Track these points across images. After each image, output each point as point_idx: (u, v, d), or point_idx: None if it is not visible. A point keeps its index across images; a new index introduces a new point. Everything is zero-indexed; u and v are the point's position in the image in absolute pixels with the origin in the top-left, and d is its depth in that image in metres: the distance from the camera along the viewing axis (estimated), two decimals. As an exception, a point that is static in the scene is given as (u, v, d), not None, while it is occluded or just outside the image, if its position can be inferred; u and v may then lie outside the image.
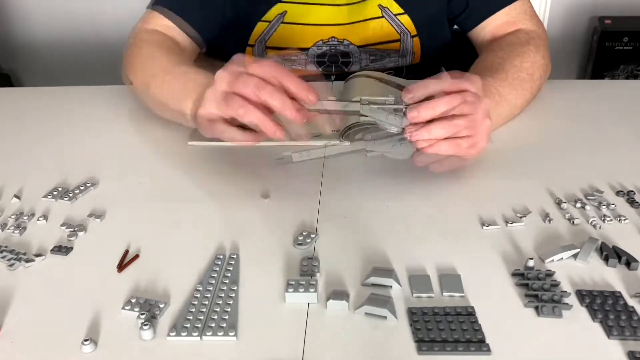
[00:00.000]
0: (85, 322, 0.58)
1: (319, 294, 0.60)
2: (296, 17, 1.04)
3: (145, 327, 0.56)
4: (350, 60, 1.08)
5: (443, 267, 0.63)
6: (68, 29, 2.17)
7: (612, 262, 0.63)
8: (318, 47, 1.06)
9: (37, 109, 1.01)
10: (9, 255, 0.66)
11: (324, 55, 1.07)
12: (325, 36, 1.05)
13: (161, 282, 0.63)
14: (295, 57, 1.07)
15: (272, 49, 1.06)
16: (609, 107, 0.97)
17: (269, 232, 0.70)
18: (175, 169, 0.83)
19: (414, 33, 1.07)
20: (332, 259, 0.65)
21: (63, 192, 0.77)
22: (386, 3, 1.04)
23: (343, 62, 1.08)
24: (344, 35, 1.06)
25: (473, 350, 0.53)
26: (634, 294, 0.59)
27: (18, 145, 0.91)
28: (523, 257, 0.65)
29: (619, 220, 0.70)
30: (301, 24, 1.04)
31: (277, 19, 1.04)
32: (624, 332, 0.55)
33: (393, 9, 1.05)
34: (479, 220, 0.71)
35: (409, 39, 1.07)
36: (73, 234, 0.70)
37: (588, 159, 0.82)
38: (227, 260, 0.65)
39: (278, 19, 1.04)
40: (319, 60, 1.08)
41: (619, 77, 2.00)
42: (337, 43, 1.06)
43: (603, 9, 2.01)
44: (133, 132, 0.93)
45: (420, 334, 0.55)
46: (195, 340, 0.56)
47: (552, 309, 0.57)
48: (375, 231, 0.69)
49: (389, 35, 1.06)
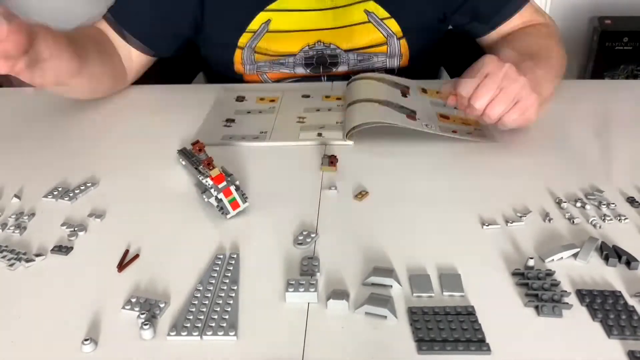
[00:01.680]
0: (86, 321, 0.58)
1: (319, 293, 0.60)
2: (281, 24, 1.04)
3: (146, 326, 0.56)
4: (338, 61, 1.08)
5: (443, 266, 0.63)
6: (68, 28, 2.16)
7: (612, 261, 0.63)
8: (305, 52, 1.06)
9: (37, 109, 1.02)
10: (9, 255, 0.66)
11: (311, 58, 1.07)
12: (312, 40, 1.06)
13: (161, 281, 0.63)
14: (284, 60, 1.07)
15: (260, 54, 1.07)
16: (609, 107, 0.97)
17: (269, 231, 0.70)
18: (175, 169, 0.83)
19: (400, 35, 1.07)
20: (332, 259, 0.65)
21: (63, 192, 0.77)
22: (372, 8, 1.04)
23: (331, 63, 1.08)
24: (331, 40, 1.06)
25: (473, 350, 0.53)
26: (634, 294, 0.59)
27: (18, 145, 0.91)
28: (523, 256, 0.65)
29: (619, 220, 0.70)
30: (287, 31, 1.05)
31: (262, 27, 1.04)
32: (624, 331, 0.55)
33: (379, 13, 1.05)
34: (479, 219, 0.71)
35: (395, 41, 1.07)
36: (73, 234, 0.70)
37: (588, 159, 0.82)
38: (227, 260, 0.65)
39: (263, 27, 1.04)
40: (307, 62, 1.08)
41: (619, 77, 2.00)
42: (324, 47, 1.06)
43: (603, 9, 2.01)
44: (133, 132, 0.94)
45: (420, 333, 0.55)
46: (196, 340, 0.56)
47: (552, 308, 0.57)
48: (375, 231, 0.69)
49: (375, 39, 1.07)
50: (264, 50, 1.06)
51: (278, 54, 1.06)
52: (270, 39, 1.05)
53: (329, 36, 1.06)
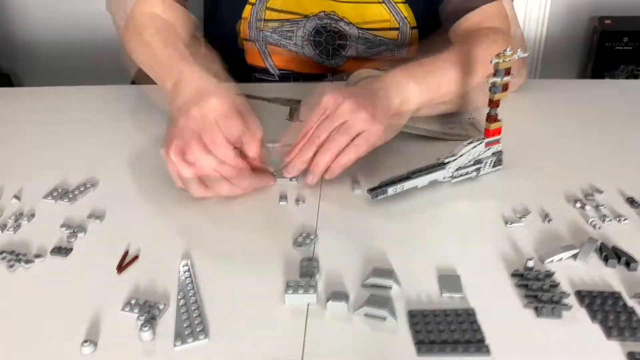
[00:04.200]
0: (85, 323, 0.58)
1: (318, 295, 0.60)
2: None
3: (145, 328, 0.55)
4: (346, 43, 1.07)
5: (442, 267, 0.63)
6: (68, 29, 2.17)
7: (611, 262, 0.63)
8: (320, 18, 1.05)
9: (37, 109, 1.01)
10: (8, 257, 0.66)
11: (320, 34, 1.06)
12: (327, 9, 1.04)
13: (161, 283, 0.63)
14: (292, 33, 1.07)
15: (272, 11, 1.05)
16: (609, 107, 0.97)
17: (268, 232, 0.70)
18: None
19: (414, 24, 1.07)
20: (331, 260, 0.65)
21: (63, 193, 0.77)
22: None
23: (340, 44, 1.07)
24: (344, 13, 1.05)
25: (472, 351, 0.53)
26: (634, 295, 0.59)
27: (18, 146, 0.91)
28: (523, 257, 0.65)
29: (619, 221, 0.70)
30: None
31: None
32: (624, 332, 0.55)
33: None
34: (479, 220, 0.71)
35: (408, 29, 1.07)
36: (72, 235, 0.70)
37: (588, 159, 0.82)
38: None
39: None
40: (316, 39, 1.07)
41: (619, 77, 1.99)
42: (337, 19, 1.05)
43: (603, 9, 2.01)
44: (133, 132, 0.93)
45: (420, 335, 0.55)
46: (197, 343, 0.55)
47: (551, 309, 0.57)
48: (375, 231, 0.69)
49: (387, 21, 1.06)
50: (279, 5, 1.04)
51: (293, 11, 1.05)
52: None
53: (343, 10, 1.05)
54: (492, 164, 0.78)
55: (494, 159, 0.78)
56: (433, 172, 0.74)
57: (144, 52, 0.90)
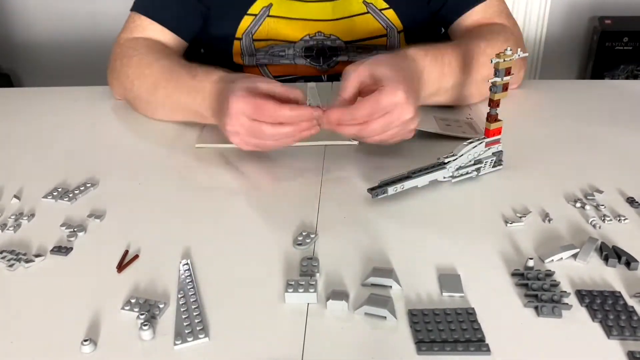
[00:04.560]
0: (85, 322, 0.58)
1: (318, 294, 0.60)
2: (282, 11, 1.04)
3: (145, 327, 0.56)
4: (338, 53, 1.08)
5: (443, 266, 0.63)
6: (68, 29, 2.17)
7: (611, 262, 0.63)
8: (305, 41, 1.06)
9: (37, 109, 1.02)
10: (8, 256, 0.66)
11: (311, 49, 1.07)
12: (312, 31, 1.06)
13: (161, 282, 0.63)
14: (283, 52, 1.07)
15: (260, 41, 1.06)
16: (609, 107, 0.97)
17: (268, 232, 0.70)
18: (174, 169, 0.83)
19: (401, 28, 1.07)
20: (332, 259, 0.65)
21: (63, 193, 0.77)
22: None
23: (331, 55, 1.08)
24: (331, 31, 1.06)
25: (472, 350, 0.53)
26: (634, 294, 0.59)
27: (18, 146, 0.91)
28: (523, 257, 0.65)
29: (619, 220, 0.70)
30: (287, 18, 1.05)
31: (263, 12, 1.04)
32: (624, 332, 0.55)
33: (378, 4, 1.05)
34: (479, 219, 0.71)
35: (395, 34, 1.07)
36: (73, 235, 0.70)
37: (588, 159, 0.82)
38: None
39: (264, 12, 1.04)
40: (307, 54, 1.08)
41: (619, 77, 2.00)
42: (324, 38, 1.06)
43: (603, 9, 2.01)
44: (133, 132, 0.94)
45: (420, 334, 0.55)
46: (197, 342, 0.55)
47: (551, 309, 0.57)
48: (375, 231, 0.69)
49: (375, 30, 1.07)
50: (264, 36, 1.06)
51: (278, 39, 1.06)
52: (270, 24, 1.05)
53: (330, 28, 1.06)
54: (492, 163, 0.78)
55: (494, 158, 0.78)
56: (433, 171, 0.74)
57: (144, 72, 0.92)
